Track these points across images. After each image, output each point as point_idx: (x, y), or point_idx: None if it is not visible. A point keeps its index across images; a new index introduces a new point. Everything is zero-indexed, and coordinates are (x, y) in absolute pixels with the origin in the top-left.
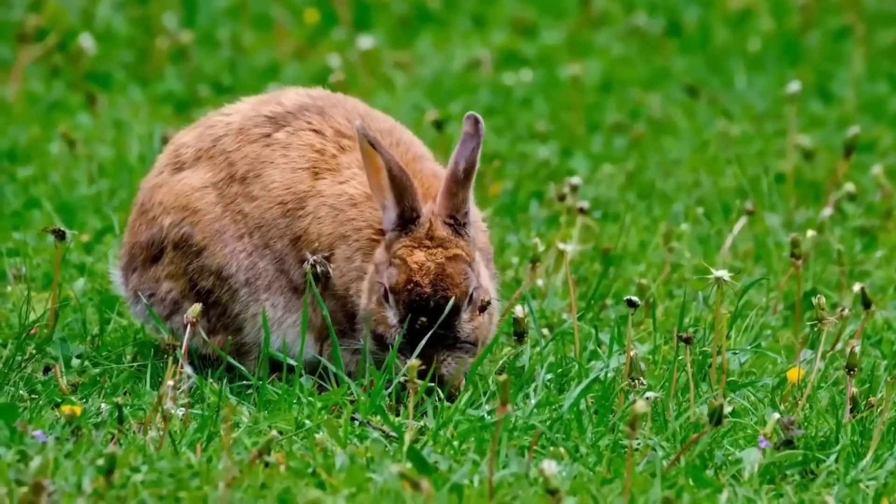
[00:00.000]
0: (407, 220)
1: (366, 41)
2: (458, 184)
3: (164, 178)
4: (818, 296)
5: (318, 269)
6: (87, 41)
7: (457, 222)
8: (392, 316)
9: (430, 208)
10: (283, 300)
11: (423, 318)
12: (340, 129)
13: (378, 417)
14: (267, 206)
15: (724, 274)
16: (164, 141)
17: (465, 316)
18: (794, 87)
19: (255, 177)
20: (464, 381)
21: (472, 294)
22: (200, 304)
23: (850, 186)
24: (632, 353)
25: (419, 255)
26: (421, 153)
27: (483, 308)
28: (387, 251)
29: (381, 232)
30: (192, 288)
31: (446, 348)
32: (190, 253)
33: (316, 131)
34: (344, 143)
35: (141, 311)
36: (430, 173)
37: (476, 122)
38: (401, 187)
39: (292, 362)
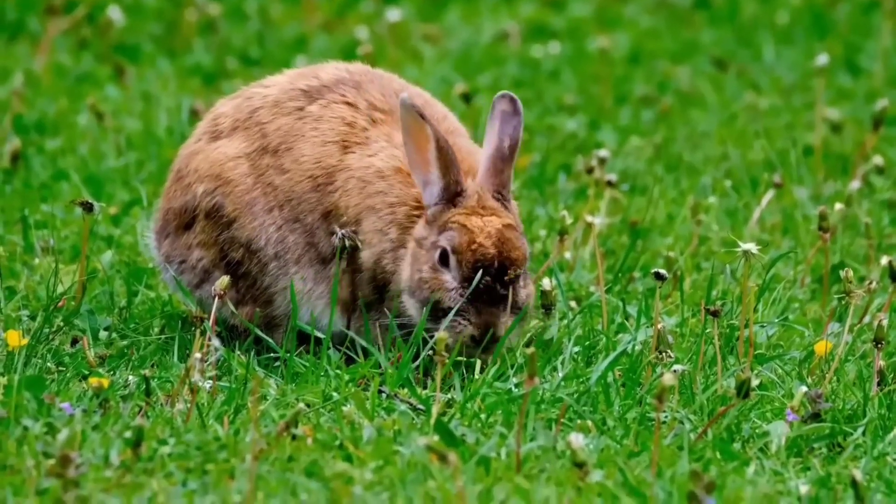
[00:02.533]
0: (452, 193)
1: (394, 14)
2: (503, 161)
3: (202, 146)
4: (846, 269)
5: (347, 242)
6: (115, 13)
7: (503, 197)
8: (451, 279)
9: (473, 183)
10: (313, 272)
11: (488, 278)
12: (374, 102)
13: (405, 390)
14: (297, 179)
15: (751, 247)
16: (193, 113)
17: (520, 282)
18: (822, 59)
19: (286, 150)
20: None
21: (527, 261)
22: (229, 277)
23: (878, 159)
24: (659, 326)
25: (477, 220)
26: (455, 128)
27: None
28: (429, 225)
29: (419, 207)
30: (222, 258)
31: (506, 310)
32: (221, 223)
33: (349, 104)
34: (376, 117)
35: (170, 279)
36: (466, 149)
37: (512, 100)
38: (447, 160)
39: (320, 335)
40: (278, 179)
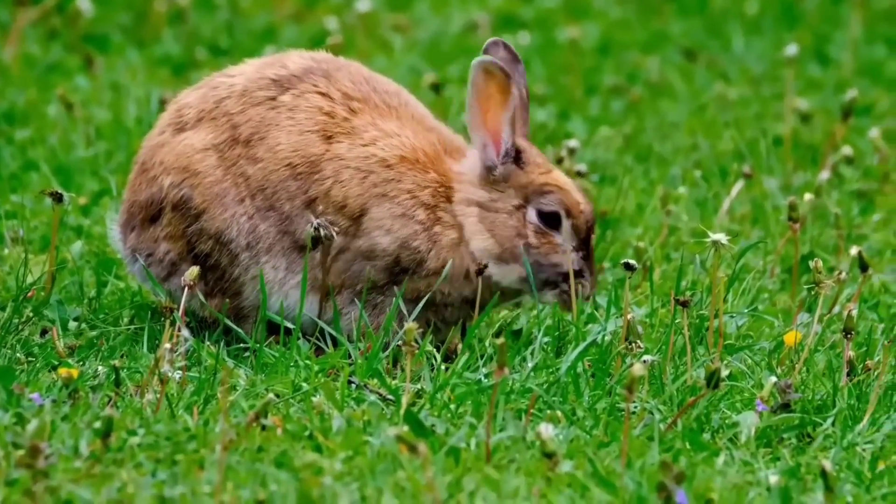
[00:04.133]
0: (516, 151)
1: (363, 4)
2: (525, 108)
3: (166, 138)
4: (815, 259)
5: (322, 231)
6: (84, 3)
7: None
8: (565, 242)
9: (518, 139)
10: (286, 262)
11: (593, 238)
12: (347, 91)
13: (375, 380)
14: (273, 167)
15: (721, 237)
16: (162, 103)
17: None
18: (791, 50)
19: (259, 139)
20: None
21: None
22: (198, 267)
23: (847, 150)
24: (629, 317)
25: (562, 178)
26: (423, 114)
27: (480, 272)
28: (495, 186)
29: (442, 185)
30: (190, 251)
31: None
32: (189, 216)
33: (322, 94)
34: (354, 106)
35: (138, 271)
36: (447, 130)
37: (507, 46)
38: (518, 120)
39: (290, 325)
40: (251, 169)
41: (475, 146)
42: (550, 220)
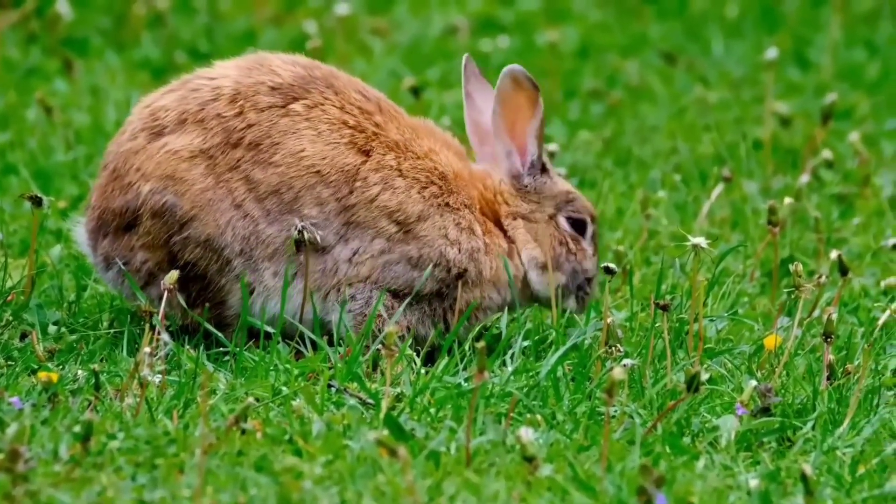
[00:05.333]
0: (542, 162)
1: (342, 7)
2: (543, 128)
3: (141, 144)
4: (795, 263)
5: (306, 235)
6: (63, 7)
7: None
8: (589, 246)
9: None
10: (294, 265)
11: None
12: (360, 105)
13: (355, 384)
14: (295, 173)
15: (701, 241)
16: None
17: None
18: (771, 53)
19: (273, 144)
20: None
21: None
22: (177, 272)
23: (827, 153)
24: (609, 320)
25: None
26: (395, 108)
27: (460, 276)
28: (527, 196)
29: (484, 198)
30: (171, 260)
31: None
32: (172, 223)
33: (339, 108)
34: (377, 120)
35: (113, 278)
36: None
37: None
38: (542, 132)
39: (269, 329)
40: (260, 173)
41: (498, 153)
42: (579, 227)
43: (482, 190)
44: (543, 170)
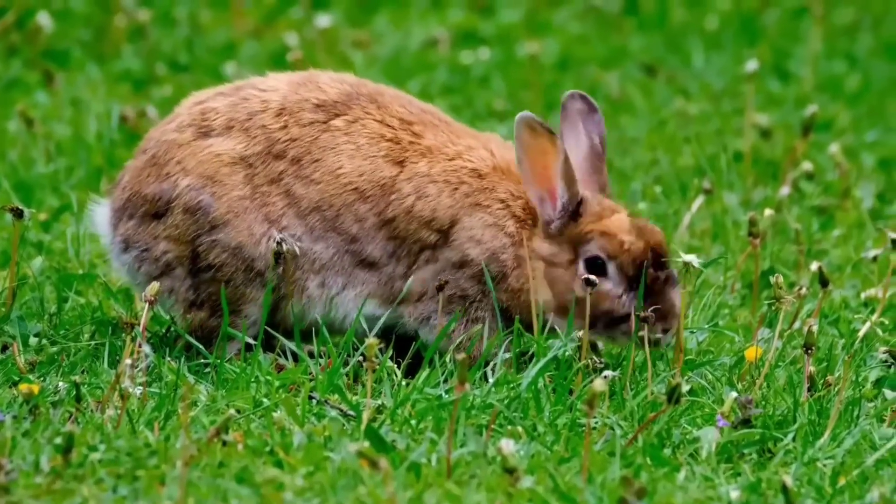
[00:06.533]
0: (575, 205)
1: (323, 20)
2: (599, 158)
3: (186, 138)
4: (776, 274)
5: (284, 247)
6: (44, 19)
7: (607, 196)
8: (613, 287)
9: (585, 192)
10: (343, 278)
11: (651, 271)
12: (402, 116)
13: (336, 396)
14: (335, 190)
15: (693, 259)
16: (123, 119)
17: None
18: (751, 65)
19: (313, 161)
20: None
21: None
22: (158, 284)
23: (807, 165)
24: (590, 332)
25: (610, 222)
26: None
27: (440, 287)
28: (553, 240)
29: (526, 206)
30: (192, 258)
31: (675, 286)
32: (203, 222)
33: (379, 122)
34: (416, 129)
35: (128, 261)
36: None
37: (584, 97)
38: (571, 174)
39: (251, 341)
40: (302, 189)
41: (534, 201)
42: (596, 267)
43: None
44: (576, 213)
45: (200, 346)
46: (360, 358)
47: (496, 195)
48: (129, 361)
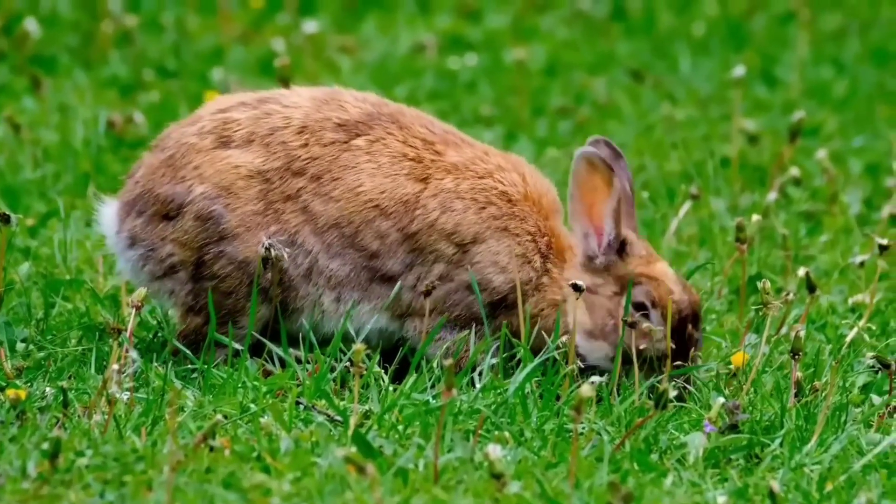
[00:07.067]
0: (621, 243)
1: (310, 25)
2: (630, 203)
3: (206, 145)
4: (763, 280)
5: (273, 252)
6: (31, 25)
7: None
8: (656, 328)
9: (627, 231)
10: (359, 292)
11: (691, 328)
12: (425, 136)
13: (323, 401)
14: (354, 207)
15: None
16: (110, 125)
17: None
18: (738, 71)
19: (333, 179)
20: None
21: None
22: (145, 289)
23: (794, 171)
24: (577, 338)
25: (660, 269)
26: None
27: (427, 292)
28: (598, 274)
29: (554, 235)
30: (197, 265)
31: (699, 349)
32: (213, 232)
33: (402, 142)
34: (438, 148)
35: (132, 258)
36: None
37: (608, 144)
38: (619, 214)
39: (238, 346)
40: (322, 206)
41: (576, 235)
42: (640, 308)
43: (551, 228)
44: (622, 250)
45: (188, 352)
46: (348, 363)
47: (526, 227)
48: (116, 367)
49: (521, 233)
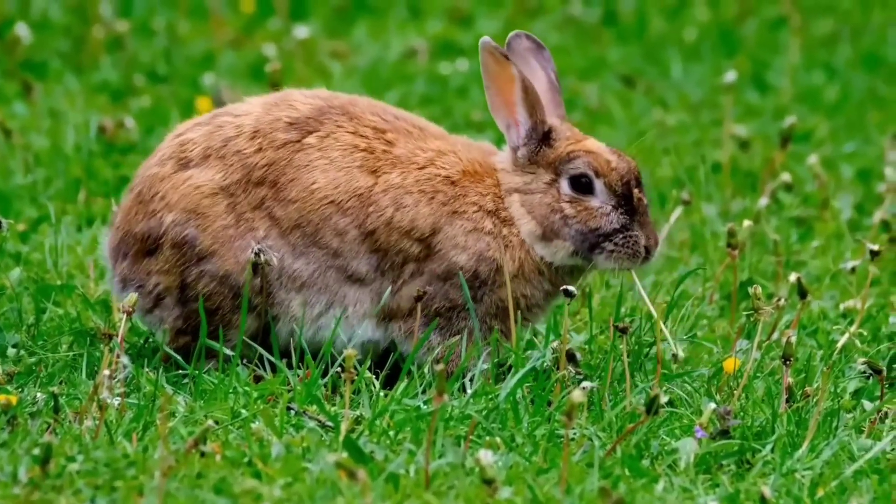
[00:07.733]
0: (542, 132)
1: (302, 30)
2: (556, 90)
3: (167, 171)
4: (754, 286)
5: (262, 257)
6: (22, 30)
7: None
8: (601, 203)
9: (554, 119)
10: (327, 296)
11: (637, 191)
12: (376, 125)
13: (314, 407)
14: (311, 206)
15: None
16: (101, 130)
17: None
18: (730, 76)
19: (289, 181)
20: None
21: None
22: (136, 294)
23: (786, 176)
24: (568, 343)
25: (592, 144)
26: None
27: (419, 298)
28: (523, 168)
29: (497, 185)
30: (181, 288)
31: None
32: (191, 255)
33: (352, 133)
34: (389, 138)
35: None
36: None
37: (528, 36)
38: (533, 100)
39: (229, 352)
40: (281, 210)
41: (501, 127)
42: (582, 186)
43: (493, 178)
44: (547, 138)
45: (178, 357)
46: (339, 369)
47: (469, 199)
48: (107, 372)
49: (467, 208)
